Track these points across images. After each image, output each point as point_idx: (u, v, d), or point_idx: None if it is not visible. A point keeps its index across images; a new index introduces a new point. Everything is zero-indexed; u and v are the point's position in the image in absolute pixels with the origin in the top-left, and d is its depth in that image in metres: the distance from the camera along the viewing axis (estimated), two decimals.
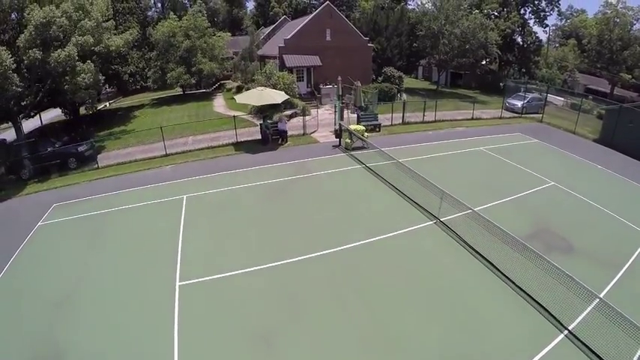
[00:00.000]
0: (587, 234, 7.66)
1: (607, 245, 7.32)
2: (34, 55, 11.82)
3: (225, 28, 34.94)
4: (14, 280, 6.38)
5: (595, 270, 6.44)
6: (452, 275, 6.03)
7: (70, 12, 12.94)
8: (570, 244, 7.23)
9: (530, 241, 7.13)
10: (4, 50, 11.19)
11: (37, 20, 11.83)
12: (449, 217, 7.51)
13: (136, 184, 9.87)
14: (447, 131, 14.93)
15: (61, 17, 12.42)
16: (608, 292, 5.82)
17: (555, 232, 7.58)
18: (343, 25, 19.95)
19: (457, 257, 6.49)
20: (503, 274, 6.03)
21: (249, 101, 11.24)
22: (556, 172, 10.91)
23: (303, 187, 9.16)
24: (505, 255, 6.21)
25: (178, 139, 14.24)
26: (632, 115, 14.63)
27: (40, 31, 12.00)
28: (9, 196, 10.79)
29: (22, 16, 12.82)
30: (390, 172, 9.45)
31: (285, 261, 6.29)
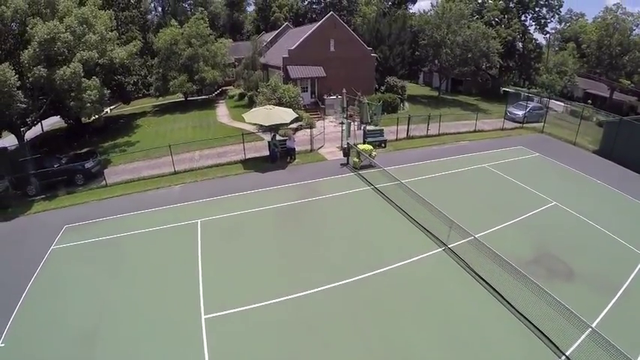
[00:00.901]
0: (587, 257, 7.99)
1: (605, 268, 7.67)
2: (39, 72, 11.84)
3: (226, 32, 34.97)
4: (35, 312, 6.50)
5: (593, 295, 6.82)
6: (462, 306, 6.30)
7: (74, 26, 12.93)
8: (570, 269, 7.56)
9: (532, 266, 7.53)
10: (7, 68, 11.22)
11: (41, 36, 11.82)
12: (457, 244, 7.80)
13: (147, 206, 10.02)
14: (450, 146, 15.25)
15: (65, 32, 12.40)
16: (603, 316, 6.22)
17: (556, 256, 7.90)
18: (347, 36, 20.16)
19: (466, 287, 6.76)
20: (509, 302, 6.36)
21: (258, 120, 11.46)
22: (557, 190, 11.24)
23: (315, 212, 9.37)
24: (509, 284, 6.54)
25: (185, 154, 14.37)
26: (631, 128, 15.08)
27: (45, 48, 12.02)
28: (17, 215, 10.87)
29: (24, 30, 12.75)
30: (398, 194, 9.72)
31: (303, 293, 6.52)
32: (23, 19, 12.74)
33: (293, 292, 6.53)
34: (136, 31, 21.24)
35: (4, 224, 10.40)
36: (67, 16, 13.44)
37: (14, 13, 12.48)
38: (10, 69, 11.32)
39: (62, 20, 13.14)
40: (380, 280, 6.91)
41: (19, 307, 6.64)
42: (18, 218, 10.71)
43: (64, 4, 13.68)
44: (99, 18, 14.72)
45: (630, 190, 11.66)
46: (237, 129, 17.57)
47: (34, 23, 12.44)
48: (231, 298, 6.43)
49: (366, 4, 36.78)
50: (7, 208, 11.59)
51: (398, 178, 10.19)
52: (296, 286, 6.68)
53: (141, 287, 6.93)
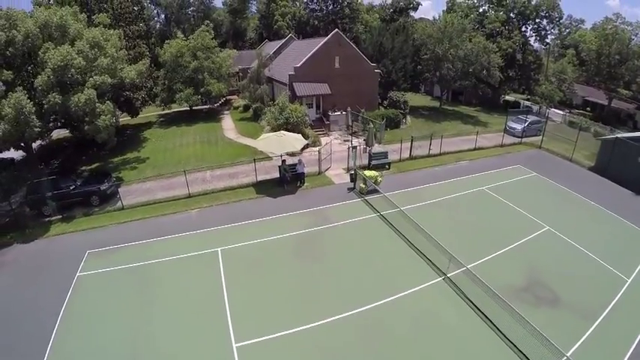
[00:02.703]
0: (573, 283, 8.80)
1: (589, 294, 8.49)
2: (54, 99, 12.30)
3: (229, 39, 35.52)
4: (70, 342, 7.05)
5: (574, 321, 7.64)
6: (459, 335, 7.09)
7: (86, 51, 13.39)
8: (557, 296, 8.36)
9: (523, 293, 8.37)
10: (23, 95, 11.69)
11: (55, 63, 12.27)
12: (455, 273, 8.62)
13: (166, 232, 10.69)
14: (451, 167, 16.10)
15: (77, 58, 12.85)
16: (582, 342, 7.05)
17: (545, 284, 8.71)
18: (351, 52, 20.90)
19: (462, 316, 7.56)
20: (501, 331, 7.16)
21: (270, 149, 12.23)
22: (550, 213, 12.09)
23: (327, 240, 10.12)
24: (500, 314, 7.36)
25: (196, 173, 15.12)
26: (626, 147, 15.88)
27: (58, 74, 12.50)
28: (36, 236, 11.47)
29: (36, 54, 13.14)
30: (402, 222, 10.51)
31: (320, 322, 7.31)
32: (35, 43, 13.10)
33: (311, 322, 7.31)
34: (143, 45, 21.86)
35: (26, 247, 11.06)
36: (78, 39, 13.96)
37: (25, 38, 12.85)
38: (24, 95, 11.81)
39: (73, 44, 13.63)
40: (387, 309, 7.72)
41: (54, 336, 7.26)
42: (38, 240, 11.30)
43: (75, 26, 14.18)
44: (109, 40, 15.27)
45: (621, 211, 12.59)
46: (245, 146, 18.37)
47: (47, 48, 12.87)
48: (258, 327, 7.17)
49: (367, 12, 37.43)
50: (25, 228, 12.21)
51: (401, 207, 11.00)
52: (313, 315, 7.45)
53: (171, 317, 7.61)
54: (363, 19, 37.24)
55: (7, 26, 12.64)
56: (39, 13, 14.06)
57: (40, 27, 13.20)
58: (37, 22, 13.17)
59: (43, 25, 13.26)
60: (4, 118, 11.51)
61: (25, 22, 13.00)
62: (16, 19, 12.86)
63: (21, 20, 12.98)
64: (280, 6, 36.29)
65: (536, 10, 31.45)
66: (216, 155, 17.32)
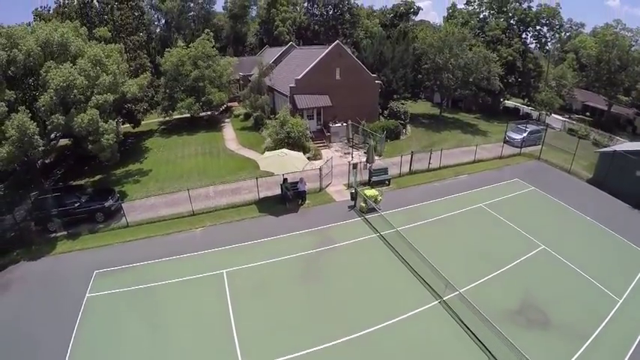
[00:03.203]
0: (564, 305, 9.16)
1: (580, 316, 8.84)
2: (57, 120, 12.46)
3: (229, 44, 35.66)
4: None
5: (564, 343, 7.99)
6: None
7: (87, 69, 13.51)
8: (548, 319, 8.72)
9: (516, 316, 8.75)
10: (26, 116, 11.78)
11: (57, 84, 12.39)
12: (451, 296, 8.98)
13: (172, 252, 11.02)
14: (450, 181, 16.45)
15: (79, 77, 12.95)
16: None
17: (537, 306, 9.07)
18: (352, 64, 21.16)
19: (458, 341, 7.93)
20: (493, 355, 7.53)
21: (272, 169, 12.51)
22: (546, 231, 12.43)
23: (328, 262, 10.47)
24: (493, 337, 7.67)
25: (199, 189, 15.41)
26: (624, 160, 16.19)
27: (61, 95, 12.64)
28: (42, 254, 11.75)
29: (38, 73, 13.21)
30: (400, 244, 10.87)
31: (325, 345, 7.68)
32: (36, 61, 13.21)
33: (314, 345, 7.70)
34: (144, 56, 22.08)
35: (33, 265, 11.34)
36: (80, 57, 14.07)
37: (27, 57, 12.96)
38: (27, 117, 11.90)
39: (75, 62, 13.75)
40: (386, 333, 8.08)
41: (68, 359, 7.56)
42: (45, 258, 11.60)
43: (76, 44, 14.29)
44: (110, 56, 15.40)
45: (617, 226, 12.96)
46: (246, 159, 18.67)
47: (48, 67, 12.97)
48: (265, 352, 7.54)
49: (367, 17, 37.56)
50: (31, 245, 12.48)
51: (400, 227, 11.41)
52: (315, 340, 7.83)
53: (180, 341, 7.96)
54: (363, 24, 37.39)
55: (8, 45, 12.79)
56: (39, 29, 14.13)
57: (42, 45, 13.31)
58: (38, 40, 13.27)
59: (44, 44, 13.37)
60: (8, 140, 11.68)
61: (26, 40, 13.08)
62: (17, 37, 12.94)
63: (22, 38, 13.07)
64: (281, 11, 36.44)
65: (537, 17, 31.70)
66: (217, 168, 17.63)
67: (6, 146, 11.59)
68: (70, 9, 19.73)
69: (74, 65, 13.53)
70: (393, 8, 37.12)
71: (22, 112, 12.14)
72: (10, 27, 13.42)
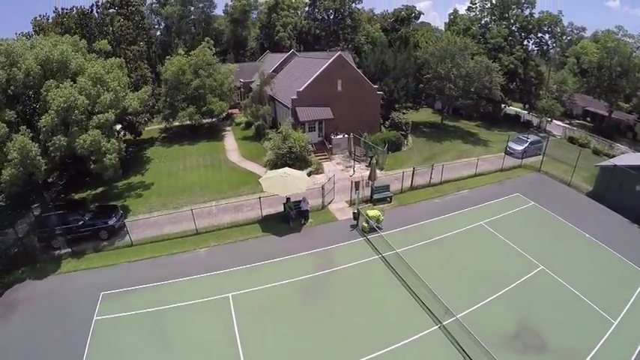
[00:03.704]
0: (561, 328, 9.43)
1: (576, 338, 9.12)
2: (59, 142, 12.41)
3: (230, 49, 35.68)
4: None
5: None
6: None
7: (88, 88, 13.45)
8: (544, 342, 9.01)
9: (512, 341, 9.04)
10: (28, 139, 11.75)
11: (58, 105, 12.29)
12: (450, 321, 9.27)
13: (177, 273, 11.25)
14: (451, 197, 16.71)
15: (80, 96, 12.82)
16: None
17: (534, 329, 9.36)
18: (354, 75, 21.32)
19: None
20: None
21: (275, 191, 12.68)
22: (545, 250, 12.72)
23: (331, 286, 10.75)
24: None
25: (202, 204, 15.60)
26: (624, 174, 16.46)
27: (62, 116, 12.57)
28: (48, 273, 11.95)
29: (38, 92, 13.15)
30: (401, 266, 11.18)
31: None
32: (36, 81, 13.09)
33: None
34: (145, 67, 22.15)
35: (39, 284, 11.55)
36: (80, 75, 14.03)
37: (26, 76, 12.86)
38: (29, 138, 11.89)
39: (75, 80, 13.70)
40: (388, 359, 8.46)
41: None
42: (50, 277, 11.80)
43: (76, 61, 14.24)
44: (111, 72, 15.28)
45: (615, 243, 13.28)
46: (249, 173, 18.88)
47: (49, 86, 12.87)
48: None
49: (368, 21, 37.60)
50: (36, 263, 12.65)
51: (401, 248, 11.72)
52: None
53: None
54: (364, 29, 37.45)
55: (7, 63, 12.70)
56: (39, 45, 14.03)
57: (41, 63, 13.23)
58: (38, 58, 13.18)
59: (43, 62, 13.27)
60: (10, 162, 11.65)
61: (25, 57, 12.98)
62: (16, 54, 12.84)
63: (21, 55, 12.97)
64: (281, 16, 36.44)
65: (539, 25, 31.88)
66: (220, 182, 17.82)
67: (8, 169, 11.61)
68: (69, 20, 19.73)
69: (74, 83, 13.52)
70: (394, 13, 37.18)
71: (22, 131, 12.20)
72: (8, 43, 13.30)
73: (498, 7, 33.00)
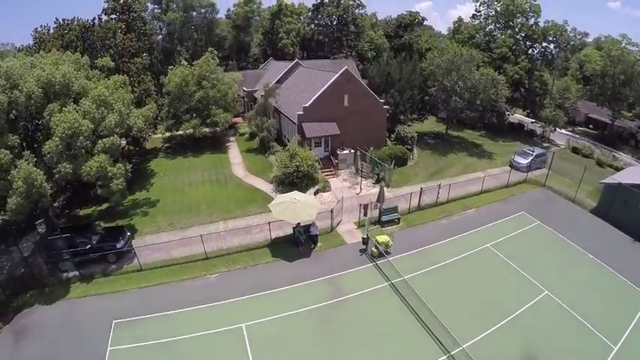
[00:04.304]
0: (563, 356, 9.70)
1: None
2: (65, 169, 12.27)
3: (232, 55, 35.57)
4: None
5: None
6: None
7: (92, 112, 13.27)
8: None
9: None
10: (33, 167, 11.57)
11: (62, 131, 12.08)
12: (457, 351, 9.53)
13: (188, 301, 11.38)
14: (458, 218, 16.92)
15: (84, 120, 12.61)
16: None
17: (537, 358, 9.64)
18: (360, 89, 21.43)
19: None
20: None
21: (285, 217, 12.78)
22: (550, 273, 13.05)
23: (342, 315, 10.97)
24: None
25: (210, 225, 15.81)
26: (627, 192, 16.79)
27: (66, 142, 12.38)
28: (57, 297, 12.02)
29: (41, 115, 12.94)
30: (409, 294, 11.47)
31: None
32: (38, 104, 12.79)
33: None
34: (148, 81, 22.13)
35: (48, 310, 11.64)
36: (84, 97, 13.81)
37: (28, 98, 12.51)
38: (33, 164, 11.71)
39: (78, 102, 13.48)
40: None
41: None
42: (60, 303, 11.89)
43: (79, 82, 14.04)
44: (115, 93, 15.05)
45: (617, 263, 13.65)
46: (255, 190, 18.99)
47: (51, 110, 12.62)
48: None
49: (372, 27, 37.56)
50: (44, 286, 12.69)
51: (409, 274, 12.01)
52: None
53: None
54: (367, 35, 37.44)
55: (7, 86, 12.45)
56: (39, 65, 13.85)
57: (43, 86, 12.99)
58: (40, 81, 12.95)
59: (45, 84, 13.05)
60: (15, 192, 11.42)
61: (26, 80, 12.74)
62: (16, 76, 12.62)
63: (22, 77, 12.75)
64: (285, 22, 36.34)
65: (544, 34, 32.08)
66: (226, 200, 17.94)
67: (14, 197, 11.43)
68: (70, 34, 19.63)
69: (78, 106, 13.33)
70: (397, 19, 37.17)
71: (26, 157, 12.04)
72: (8, 65, 12.94)
73: (503, 15, 33.14)
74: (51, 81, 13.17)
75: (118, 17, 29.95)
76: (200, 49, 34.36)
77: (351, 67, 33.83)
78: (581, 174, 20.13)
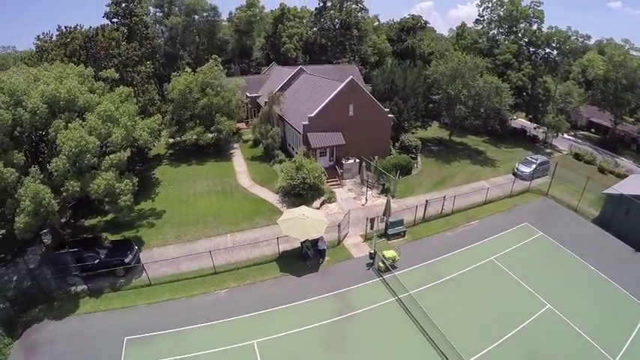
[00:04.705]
0: None
1: None
2: (72, 188, 12.22)
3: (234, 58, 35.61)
4: None
5: None
6: None
7: (99, 128, 13.20)
8: None
9: None
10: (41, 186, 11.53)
11: (69, 150, 11.97)
12: None
13: (200, 317, 11.59)
14: (463, 229, 17.19)
15: (91, 137, 12.50)
16: None
17: None
18: (365, 99, 21.59)
19: None
20: None
21: (293, 234, 12.95)
22: (552, 286, 13.42)
23: (351, 331, 11.25)
24: None
25: (217, 238, 16.03)
26: (629, 203, 17.13)
27: (73, 160, 12.31)
28: (66, 313, 12.18)
29: (46, 132, 12.92)
30: (416, 309, 11.79)
31: None
32: (43, 120, 12.68)
33: None
34: (152, 89, 22.21)
35: (58, 325, 11.79)
36: (89, 112, 13.74)
37: (33, 115, 12.40)
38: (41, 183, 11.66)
39: (84, 118, 13.44)
40: None
41: None
42: (70, 318, 12.05)
43: (83, 98, 13.93)
44: (121, 106, 14.95)
45: (617, 274, 14.08)
46: (261, 200, 19.16)
47: (57, 127, 12.53)
48: None
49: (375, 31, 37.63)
50: (53, 301, 12.79)
51: (415, 289, 12.33)
52: None
53: None
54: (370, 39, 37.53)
55: (11, 103, 12.37)
56: (43, 78, 13.84)
57: (48, 102, 12.90)
58: (44, 96, 12.84)
59: (50, 100, 12.95)
60: (23, 211, 11.34)
61: (30, 95, 12.65)
62: (20, 92, 12.54)
63: (26, 93, 12.66)
64: (287, 27, 36.35)
65: (547, 41, 32.29)
66: (233, 212, 18.14)
67: (22, 216, 11.39)
68: (74, 43, 19.63)
69: (83, 121, 13.30)
70: (400, 23, 37.27)
71: (32, 173, 11.98)
72: (11, 81, 12.84)
73: (507, 19, 33.32)
74: (56, 96, 13.06)
75: (120, 21, 30.02)
76: (202, 52, 34.42)
77: (354, 72, 34.20)
78: (582, 180, 20.47)
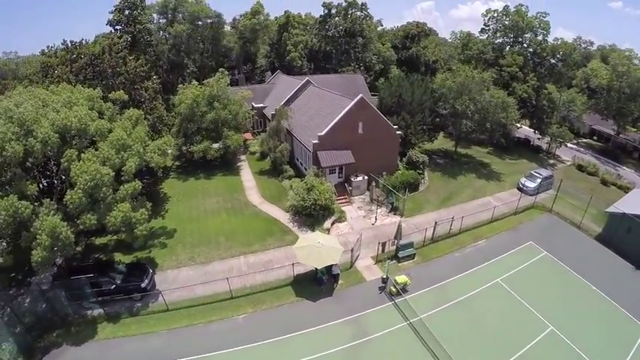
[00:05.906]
0: None
1: None
2: (89, 221, 12.30)
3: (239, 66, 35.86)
4: None
5: None
6: None
7: (112, 158, 13.29)
8: None
9: None
10: (58, 221, 11.57)
11: (84, 183, 12.05)
12: None
13: (219, 344, 12.11)
14: (470, 250, 17.90)
15: (106, 173, 12.50)
16: None
17: None
18: (374, 116, 22.14)
19: None
20: None
21: (309, 262, 13.53)
22: (555, 307, 14.22)
23: (367, 357, 11.88)
24: None
25: (230, 260, 16.62)
26: (632, 222, 18.01)
27: (89, 193, 12.37)
28: (85, 338, 12.51)
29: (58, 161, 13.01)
30: (426, 334, 12.51)
31: None
32: (55, 149, 12.74)
33: None
34: (160, 107, 22.58)
35: (78, 351, 12.16)
36: (101, 140, 13.89)
37: (44, 145, 12.39)
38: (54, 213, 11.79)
39: (96, 146, 13.57)
40: None
41: None
42: (88, 344, 12.39)
43: (94, 125, 13.97)
44: (133, 133, 15.06)
45: (618, 293, 14.88)
46: (272, 220, 19.62)
47: (69, 157, 12.51)
48: None
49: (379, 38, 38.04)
50: (70, 326, 13.11)
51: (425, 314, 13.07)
52: None
53: None
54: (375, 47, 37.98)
55: (22, 134, 12.39)
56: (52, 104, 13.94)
57: (59, 131, 12.94)
58: (55, 125, 12.87)
59: (61, 129, 12.99)
60: (40, 245, 11.37)
61: (40, 124, 12.68)
62: (30, 121, 12.57)
63: (36, 122, 12.68)
64: (292, 35, 36.67)
65: (553, 52, 33.01)
66: (245, 232, 18.66)
67: (39, 250, 11.45)
68: (80, 62, 19.93)
69: (96, 150, 13.43)
70: (404, 30, 37.72)
71: (46, 205, 12.05)
72: (20, 111, 12.88)
73: (512, 29, 33.96)
74: (67, 125, 13.10)
75: (123, 29, 30.22)
76: (207, 59, 34.67)
77: (359, 81, 34.75)
78: (585, 194, 21.27)
